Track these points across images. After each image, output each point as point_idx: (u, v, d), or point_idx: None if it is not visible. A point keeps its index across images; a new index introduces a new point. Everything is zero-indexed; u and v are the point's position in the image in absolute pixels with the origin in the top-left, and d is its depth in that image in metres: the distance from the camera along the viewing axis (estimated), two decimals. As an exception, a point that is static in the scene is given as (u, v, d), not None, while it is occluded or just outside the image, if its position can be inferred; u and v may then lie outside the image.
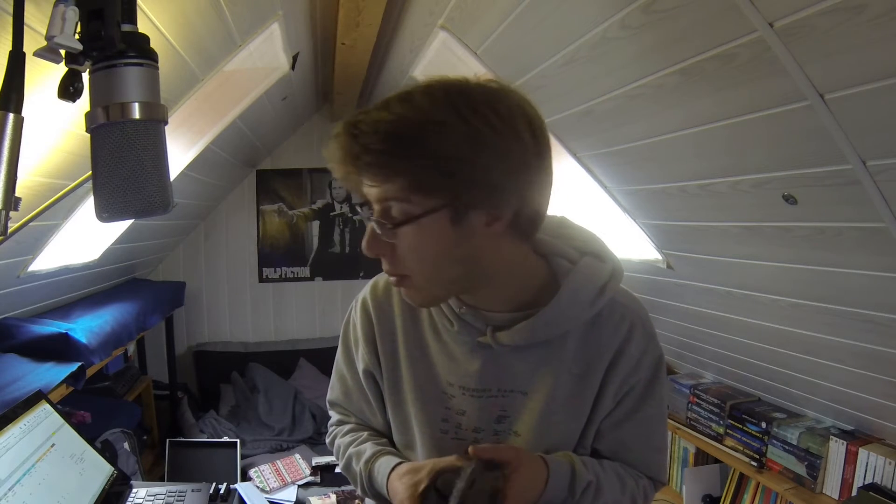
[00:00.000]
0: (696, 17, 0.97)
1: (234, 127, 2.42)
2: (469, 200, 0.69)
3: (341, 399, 1.03)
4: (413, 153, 0.67)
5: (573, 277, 0.82)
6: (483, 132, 0.67)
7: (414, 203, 0.70)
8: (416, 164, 0.67)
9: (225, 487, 1.64)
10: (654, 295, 2.15)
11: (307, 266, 3.83)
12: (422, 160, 0.67)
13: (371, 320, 0.94)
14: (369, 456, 0.92)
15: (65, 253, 1.98)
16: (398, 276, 0.77)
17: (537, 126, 0.72)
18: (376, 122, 0.67)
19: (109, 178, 0.69)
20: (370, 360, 0.94)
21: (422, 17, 1.74)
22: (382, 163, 0.68)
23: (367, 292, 0.97)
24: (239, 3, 1.39)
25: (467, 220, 0.71)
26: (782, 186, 1.20)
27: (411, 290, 0.79)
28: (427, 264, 0.75)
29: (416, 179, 0.68)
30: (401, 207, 0.70)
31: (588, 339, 0.85)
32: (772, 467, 1.99)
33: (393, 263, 0.76)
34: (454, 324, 0.87)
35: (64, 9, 0.63)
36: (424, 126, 0.67)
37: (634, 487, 0.89)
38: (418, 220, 0.70)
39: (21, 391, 1.49)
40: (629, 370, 0.85)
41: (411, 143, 0.66)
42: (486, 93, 0.70)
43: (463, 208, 0.70)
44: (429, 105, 0.68)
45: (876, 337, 1.41)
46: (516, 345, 0.83)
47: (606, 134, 1.57)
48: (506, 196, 0.71)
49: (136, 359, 3.30)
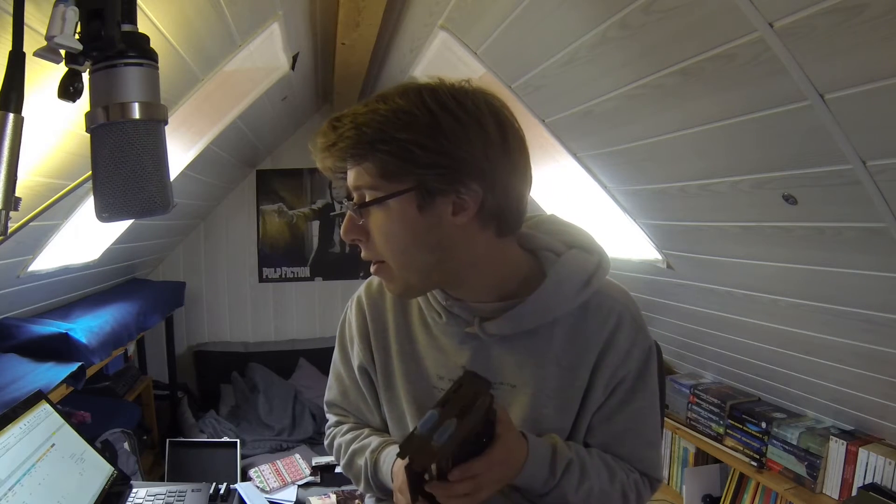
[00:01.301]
0: (696, 17, 0.97)
1: (234, 127, 2.42)
2: (432, 186, 0.74)
3: (339, 399, 1.04)
4: (375, 139, 0.73)
5: (558, 267, 0.84)
6: (446, 122, 0.72)
7: (382, 189, 0.75)
8: (381, 150, 0.73)
9: (225, 487, 1.64)
10: (654, 295, 2.15)
11: (307, 266, 3.83)
12: (386, 146, 0.73)
13: (365, 317, 0.97)
14: (376, 446, 0.93)
15: (65, 253, 1.98)
16: (375, 262, 0.82)
17: (505, 121, 0.77)
18: (353, 115, 0.75)
19: (109, 178, 0.69)
20: (364, 356, 0.96)
21: (422, 17, 1.74)
22: (353, 148, 0.74)
23: (362, 291, 1.00)
24: (239, 3, 1.39)
25: (433, 206, 0.75)
26: (782, 186, 1.20)
27: (388, 277, 0.83)
28: (398, 249, 0.79)
29: (382, 165, 0.74)
30: (372, 194, 0.76)
31: (575, 331, 0.86)
32: (772, 467, 1.99)
33: (368, 248, 0.81)
34: (442, 315, 0.89)
35: (64, 9, 0.63)
36: (391, 116, 0.73)
37: (625, 479, 0.89)
38: (386, 201, 0.75)
39: (21, 391, 1.49)
40: (619, 362, 0.86)
41: (376, 132, 0.73)
42: (455, 90, 0.76)
43: (427, 195, 0.75)
44: (400, 100, 0.74)
45: (876, 337, 1.41)
46: (503, 334, 0.85)
47: (606, 134, 1.57)
48: (468, 184, 0.75)
49: (136, 359, 3.30)
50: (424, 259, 0.79)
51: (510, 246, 0.85)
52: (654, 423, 0.93)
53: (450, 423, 0.68)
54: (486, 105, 0.76)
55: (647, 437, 0.92)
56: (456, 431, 0.68)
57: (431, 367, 0.91)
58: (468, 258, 0.80)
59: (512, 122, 0.78)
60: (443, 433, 0.68)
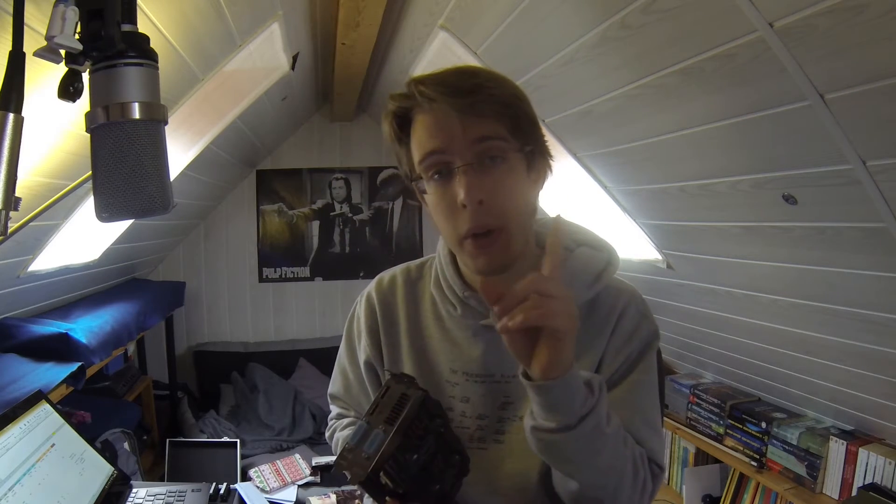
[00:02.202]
0: (696, 17, 0.97)
1: (234, 127, 2.42)
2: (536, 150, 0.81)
3: (342, 392, 1.05)
4: (516, 96, 0.79)
5: (570, 263, 0.85)
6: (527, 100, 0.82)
7: (510, 143, 0.78)
8: (517, 106, 0.79)
9: (225, 487, 1.64)
10: (654, 295, 2.15)
11: (307, 266, 3.83)
12: (520, 103, 0.79)
13: (375, 313, 0.96)
14: None
15: (65, 253, 1.98)
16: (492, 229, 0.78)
17: None
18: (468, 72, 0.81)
19: (109, 178, 0.69)
20: (372, 351, 0.96)
21: (422, 17, 1.74)
22: (499, 97, 0.77)
23: (373, 287, 0.99)
24: (239, 3, 1.39)
25: (534, 169, 0.81)
26: (782, 186, 1.20)
27: (504, 244, 0.79)
28: (520, 208, 0.80)
29: (517, 119, 0.78)
30: (500, 146, 0.77)
31: (586, 322, 0.86)
32: (772, 467, 1.99)
33: (494, 207, 0.77)
34: (458, 307, 0.89)
35: (64, 9, 0.63)
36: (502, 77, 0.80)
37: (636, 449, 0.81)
38: (523, 151, 0.79)
39: (21, 391, 1.49)
40: (621, 343, 0.86)
41: (513, 88, 0.80)
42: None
43: (536, 155, 0.81)
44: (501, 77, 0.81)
45: (876, 337, 1.41)
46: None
47: (606, 134, 1.57)
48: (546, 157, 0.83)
49: (136, 359, 3.30)
50: (530, 222, 0.84)
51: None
52: (653, 404, 0.89)
53: (377, 431, 0.68)
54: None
55: (647, 417, 0.86)
56: (386, 437, 0.68)
57: (444, 361, 0.91)
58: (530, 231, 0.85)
59: None
60: (372, 443, 0.68)
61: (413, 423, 0.71)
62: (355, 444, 0.69)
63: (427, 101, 0.76)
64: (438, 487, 0.76)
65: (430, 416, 0.74)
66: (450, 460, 0.77)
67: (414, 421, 0.71)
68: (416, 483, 0.72)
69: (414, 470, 0.72)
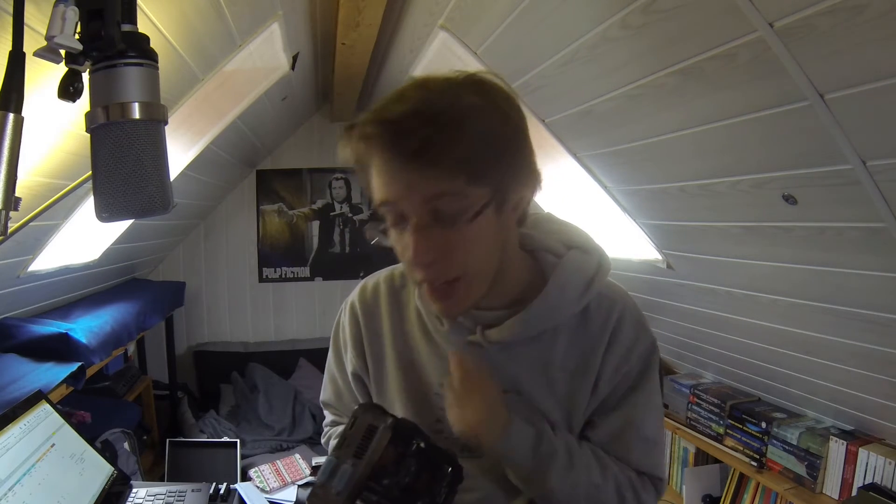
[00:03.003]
0: (696, 17, 0.97)
1: (234, 127, 2.42)
2: (510, 185, 0.71)
3: (333, 400, 1.04)
4: (468, 140, 0.65)
5: (560, 271, 0.82)
6: (512, 117, 0.70)
7: (468, 195, 0.68)
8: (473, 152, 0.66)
9: (225, 487, 1.64)
10: (654, 295, 2.15)
11: (307, 266, 3.83)
12: (477, 144, 0.66)
13: (359, 323, 0.94)
14: None
15: (65, 253, 1.98)
16: (448, 281, 0.73)
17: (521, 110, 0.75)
18: (414, 111, 0.65)
19: (109, 178, 0.69)
20: (358, 363, 0.94)
21: (422, 17, 1.74)
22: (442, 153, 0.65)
23: (356, 296, 0.96)
24: (239, 3, 1.39)
25: (505, 207, 0.72)
26: (782, 186, 1.20)
27: (463, 294, 0.75)
28: (481, 258, 0.73)
29: (473, 168, 0.67)
30: (455, 202, 0.68)
31: (578, 334, 0.84)
32: (772, 467, 1.99)
33: (444, 266, 0.72)
34: (444, 323, 0.86)
35: (64, 9, 0.63)
36: (470, 113, 0.66)
37: (620, 477, 0.84)
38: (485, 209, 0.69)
39: (21, 391, 1.49)
40: (620, 360, 0.84)
41: (463, 130, 0.65)
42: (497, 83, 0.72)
43: (505, 195, 0.71)
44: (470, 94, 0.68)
45: (876, 337, 1.41)
46: (506, 342, 0.82)
47: (606, 134, 1.57)
48: (528, 178, 0.73)
49: (136, 359, 3.30)
50: (495, 265, 0.75)
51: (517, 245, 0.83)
52: (655, 421, 0.89)
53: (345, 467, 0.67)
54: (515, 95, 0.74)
55: (647, 433, 0.87)
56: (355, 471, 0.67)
57: (432, 375, 0.88)
58: (507, 257, 0.77)
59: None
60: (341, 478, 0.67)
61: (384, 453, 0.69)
62: (325, 480, 0.68)
63: (378, 150, 0.68)
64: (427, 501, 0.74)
65: (405, 441, 0.71)
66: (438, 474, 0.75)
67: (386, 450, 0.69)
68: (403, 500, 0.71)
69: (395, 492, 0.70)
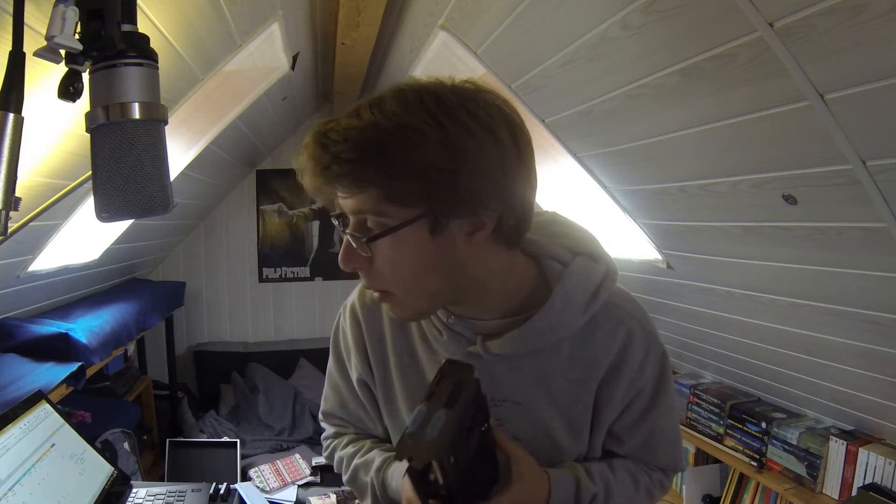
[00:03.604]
0: (696, 17, 0.97)
1: (234, 127, 2.42)
2: (447, 210, 0.66)
3: (337, 410, 1.01)
4: (385, 162, 0.63)
5: (565, 282, 0.78)
6: (460, 138, 0.64)
7: (389, 214, 0.66)
8: (389, 174, 0.64)
9: (225, 487, 1.64)
10: (654, 295, 2.15)
11: (307, 266, 3.84)
12: (395, 169, 0.63)
13: (361, 327, 0.91)
14: (380, 464, 0.89)
15: (65, 253, 1.98)
16: (379, 291, 0.74)
17: (516, 126, 0.69)
18: (346, 130, 0.63)
19: (109, 178, 0.69)
20: (363, 368, 0.92)
21: (422, 17, 1.74)
22: (354, 173, 0.64)
23: (356, 298, 0.93)
24: (239, 3, 1.39)
25: (447, 229, 0.68)
26: (782, 186, 1.20)
27: (394, 305, 0.76)
28: (407, 278, 0.71)
29: (391, 189, 0.65)
30: (376, 220, 0.67)
31: (583, 343, 0.82)
32: (772, 467, 1.99)
33: (371, 278, 0.73)
34: (443, 333, 0.83)
35: (64, 9, 0.63)
36: (397, 133, 0.63)
37: (649, 482, 0.91)
38: (395, 231, 0.67)
39: (21, 391, 1.49)
40: (634, 374, 0.83)
41: (384, 152, 0.63)
42: (462, 95, 0.66)
43: (442, 218, 0.67)
44: (401, 111, 0.64)
45: (876, 337, 1.41)
46: (506, 354, 0.80)
47: (606, 134, 1.57)
48: (487, 203, 0.67)
49: (136, 359, 3.30)
50: (436, 284, 0.73)
51: (516, 255, 0.79)
52: (675, 422, 0.94)
53: (439, 415, 0.66)
54: (496, 110, 0.68)
55: (671, 436, 0.92)
56: (447, 422, 0.66)
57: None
58: (480, 275, 0.74)
59: (522, 124, 0.71)
60: (434, 426, 0.65)
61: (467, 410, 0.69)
62: (416, 430, 0.66)
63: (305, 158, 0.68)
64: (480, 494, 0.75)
65: (480, 408, 0.72)
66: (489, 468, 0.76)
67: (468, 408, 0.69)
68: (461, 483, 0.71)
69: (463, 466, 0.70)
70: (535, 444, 0.82)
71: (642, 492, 0.90)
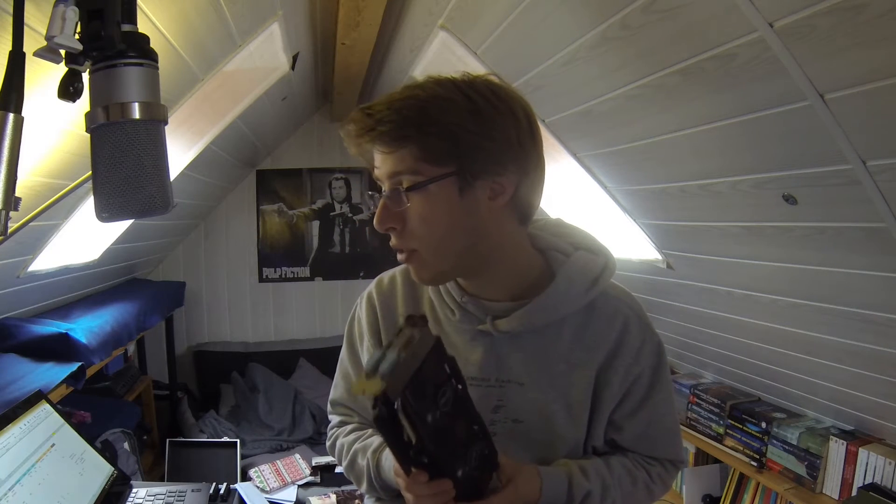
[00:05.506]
0: (696, 17, 0.97)
1: (234, 127, 2.42)
2: (474, 170, 0.76)
3: (345, 397, 1.05)
4: (421, 122, 0.74)
5: (567, 267, 0.87)
6: (486, 109, 0.75)
7: (423, 173, 0.76)
8: (423, 132, 0.74)
9: (225, 487, 1.64)
10: (654, 295, 2.15)
11: (307, 266, 3.83)
12: (429, 128, 0.74)
13: (376, 314, 0.97)
14: (377, 446, 0.94)
15: (65, 253, 1.98)
16: (407, 251, 0.82)
17: (530, 112, 0.81)
18: (389, 101, 0.76)
19: (109, 178, 0.69)
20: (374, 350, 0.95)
21: (422, 17, 1.74)
22: (395, 130, 0.75)
23: (373, 287, 1.00)
24: (239, 3, 1.39)
25: (473, 190, 0.78)
26: (782, 186, 1.20)
27: (419, 265, 0.83)
28: (436, 234, 0.80)
29: (424, 147, 0.75)
30: (411, 178, 0.77)
31: (583, 329, 0.89)
32: (772, 467, 1.99)
33: (402, 236, 0.81)
34: (456, 312, 0.90)
35: (64, 9, 0.63)
36: (431, 101, 0.75)
37: (647, 479, 0.93)
38: (427, 186, 0.76)
39: (21, 391, 1.49)
40: (631, 361, 0.89)
41: (419, 114, 0.74)
42: (487, 81, 0.79)
43: (469, 177, 0.77)
44: (436, 87, 0.76)
45: (876, 337, 1.41)
46: (514, 331, 0.87)
47: (606, 134, 1.57)
48: (507, 167, 0.78)
49: (136, 359, 3.30)
50: (460, 244, 0.81)
51: (527, 241, 0.89)
52: (672, 412, 0.97)
53: (390, 353, 0.68)
54: (515, 95, 0.80)
55: (669, 425, 0.96)
56: (398, 361, 0.68)
57: None
58: (497, 243, 0.83)
59: (534, 113, 0.82)
60: (386, 363, 0.68)
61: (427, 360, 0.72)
62: (370, 369, 0.68)
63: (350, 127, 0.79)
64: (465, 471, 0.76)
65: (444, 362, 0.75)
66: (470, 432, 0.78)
67: (429, 357, 0.72)
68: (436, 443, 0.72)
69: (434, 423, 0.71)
70: (533, 427, 0.88)
71: (641, 488, 0.92)
